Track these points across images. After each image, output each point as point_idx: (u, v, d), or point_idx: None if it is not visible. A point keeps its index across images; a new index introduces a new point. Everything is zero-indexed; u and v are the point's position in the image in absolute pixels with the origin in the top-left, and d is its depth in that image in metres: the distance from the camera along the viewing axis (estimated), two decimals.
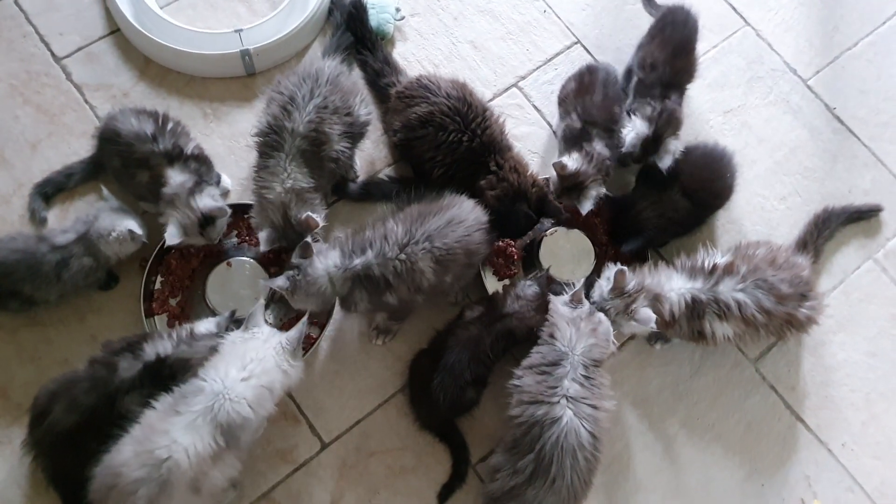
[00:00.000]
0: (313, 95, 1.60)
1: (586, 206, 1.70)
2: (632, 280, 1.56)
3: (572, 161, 1.70)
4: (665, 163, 1.73)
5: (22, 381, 1.62)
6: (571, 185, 1.71)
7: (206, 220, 1.58)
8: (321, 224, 1.57)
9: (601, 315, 1.53)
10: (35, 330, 1.67)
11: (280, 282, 1.47)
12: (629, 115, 1.80)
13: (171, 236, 1.55)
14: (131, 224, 1.58)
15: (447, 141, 1.66)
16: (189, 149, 1.64)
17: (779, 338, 1.70)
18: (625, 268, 1.57)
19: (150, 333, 1.53)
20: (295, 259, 1.49)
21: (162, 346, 1.45)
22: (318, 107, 1.60)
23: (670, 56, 1.80)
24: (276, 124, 1.59)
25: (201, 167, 1.64)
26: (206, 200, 1.58)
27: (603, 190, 1.72)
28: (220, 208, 1.60)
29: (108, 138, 1.64)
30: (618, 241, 1.80)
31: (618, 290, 1.56)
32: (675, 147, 1.75)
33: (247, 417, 1.33)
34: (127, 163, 1.63)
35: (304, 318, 1.47)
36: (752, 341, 1.68)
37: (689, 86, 1.90)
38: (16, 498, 1.54)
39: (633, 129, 1.76)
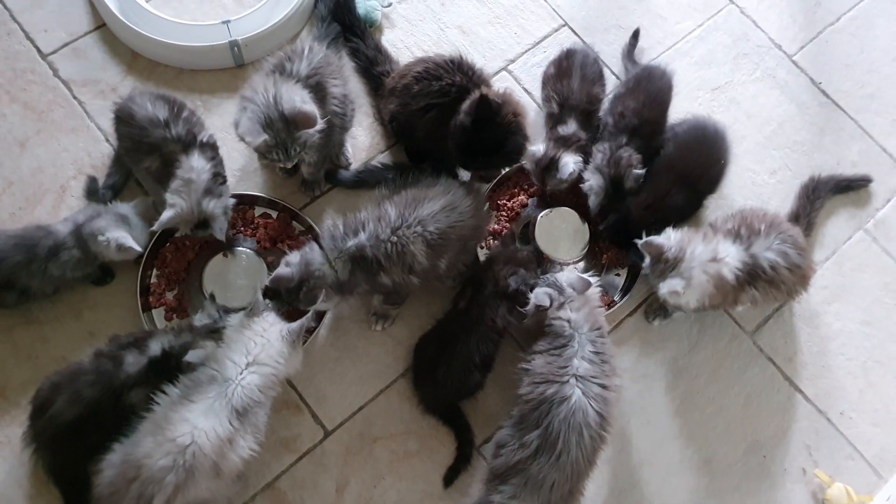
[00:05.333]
0: (306, 53, 1.61)
1: (566, 172, 1.70)
2: (671, 248, 1.53)
3: (540, 147, 1.73)
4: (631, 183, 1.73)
5: (19, 380, 1.60)
6: (546, 166, 1.72)
7: (202, 223, 1.57)
8: (318, 121, 1.49)
9: (583, 282, 1.54)
10: (31, 328, 1.65)
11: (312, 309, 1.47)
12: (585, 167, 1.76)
13: (161, 223, 1.52)
14: (123, 236, 1.55)
15: (440, 87, 1.64)
16: (204, 137, 1.61)
17: (790, 297, 1.70)
18: (656, 238, 1.55)
19: (154, 330, 1.53)
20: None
21: (165, 339, 1.46)
22: (316, 61, 1.60)
23: (640, 106, 1.79)
24: (277, 67, 1.58)
25: (216, 157, 1.62)
26: (217, 210, 1.56)
27: (579, 158, 1.73)
28: (221, 227, 1.57)
29: (123, 119, 1.63)
30: (626, 244, 1.73)
31: (655, 258, 1.54)
32: (635, 179, 1.71)
33: (258, 400, 1.37)
34: (138, 146, 1.61)
35: (308, 315, 1.48)
36: (774, 299, 1.67)
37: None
38: (17, 497, 1.52)
39: (592, 191, 1.72)
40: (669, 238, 1.56)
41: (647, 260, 1.56)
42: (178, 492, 1.26)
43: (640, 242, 1.56)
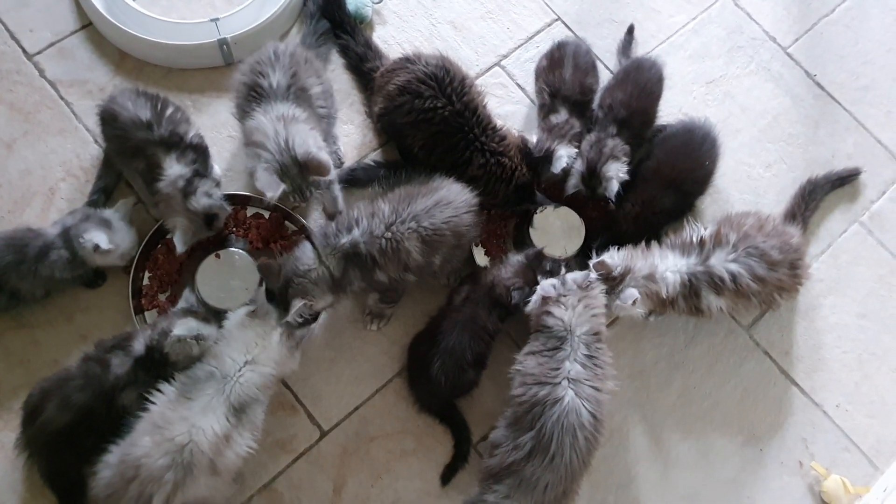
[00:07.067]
0: (274, 60, 1.59)
1: (558, 166, 1.70)
2: (617, 266, 1.56)
3: (534, 135, 1.73)
4: (612, 190, 1.68)
5: (11, 385, 1.59)
6: (540, 157, 1.71)
7: (209, 217, 1.56)
8: (332, 169, 1.50)
9: (583, 276, 1.54)
10: (22, 332, 1.63)
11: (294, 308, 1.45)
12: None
13: (179, 245, 1.54)
14: (99, 237, 1.53)
15: (423, 108, 1.63)
16: (189, 137, 1.59)
17: (769, 305, 1.71)
18: (603, 258, 1.57)
19: (134, 330, 1.53)
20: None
21: (146, 335, 1.46)
22: (288, 65, 1.58)
23: (628, 97, 1.78)
24: (252, 87, 1.57)
25: (199, 157, 1.60)
26: (203, 200, 1.55)
27: (574, 151, 1.72)
28: (220, 206, 1.58)
29: (106, 120, 1.61)
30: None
31: (603, 277, 1.56)
32: (615, 171, 1.69)
33: (256, 397, 1.37)
34: (122, 149, 1.60)
35: (313, 325, 1.49)
36: (744, 310, 1.70)
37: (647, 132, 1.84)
38: (12, 502, 1.51)
39: (571, 172, 1.73)
40: (613, 257, 1.58)
41: (594, 275, 1.56)
42: (178, 490, 1.27)
43: (591, 262, 1.58)
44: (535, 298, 1.54)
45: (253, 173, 1.49)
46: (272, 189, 1.46)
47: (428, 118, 1.64)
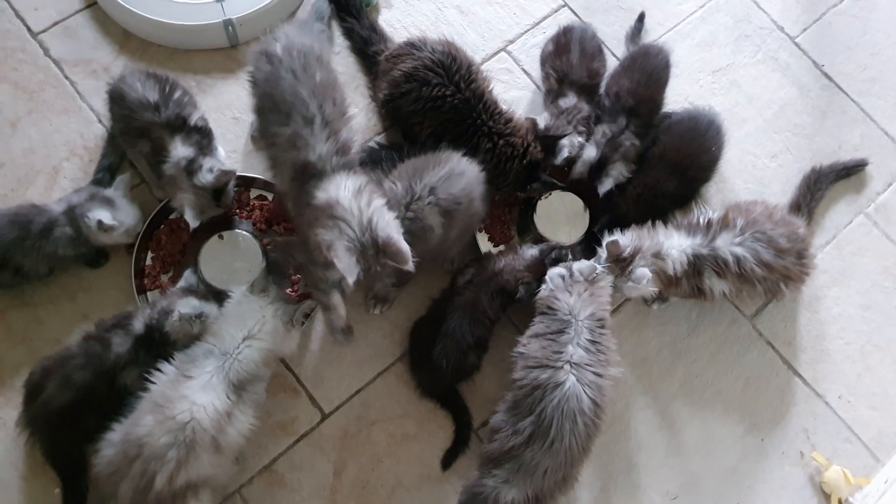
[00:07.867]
0: (308, 69, 1.47)
1: (561, 157, 1.69)
2: (627, 246, 1.56)
3: (542, 119, 1.72)
4: (603, 188, 1.71)
5: (13, 362, 1.59)
6: (548, 143, 1.71)
7: (217, 191, 1.56)
8: (410, 259, 1.35)
9: (589, 267, 1.54)
10: (24, 311, 1.63)
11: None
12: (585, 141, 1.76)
13: (192, 221, 1.54)
14: (104, 214, 1.53)
15: (431, 96, 1.62)
16: (193, 119, 1.59)
17: (774, 295, 1.70)
18: (617, 238, 1.57)
19: (133, 310, 1.53)
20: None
21: (145, 314, 1.46)
22: (321, 83, 1.48)
23: (635, 85, 1.77)
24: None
25: (203, 140, 1.60)
26: (207, 176, 1.54)
27: (577, 142, 1.72)
28: (224, 172, 1.56)
29: (114, 99, 1.61)
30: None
31: (613, 258, 1.56)
32: (617, 172, 1.72)
33: (255, 374, 1.38)
34: (128, 129, 1.60)
35: (307, 302, 1.51)
36: (748, 297, 1.69)
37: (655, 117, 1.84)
38: (12, 479, 1.51)
39: (580, 156, 1.74)
40: (624, 238, 1.58)
41: (604, 257, 1.57)
42: (181, 468, 1.28)
43: (604, 242, 1.57)
44: (544, 288, 1.54)
45: (329, 247, 1.34)
46: (352, 274, 1.33)
47: (436, 106, 1.63)
